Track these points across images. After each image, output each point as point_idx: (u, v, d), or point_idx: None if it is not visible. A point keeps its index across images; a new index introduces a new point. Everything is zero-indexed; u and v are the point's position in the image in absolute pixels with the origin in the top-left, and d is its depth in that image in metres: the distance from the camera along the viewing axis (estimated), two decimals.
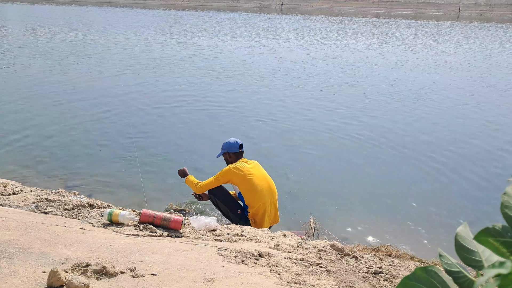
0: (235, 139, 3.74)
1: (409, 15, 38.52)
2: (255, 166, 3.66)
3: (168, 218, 2.79)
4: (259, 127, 6.84)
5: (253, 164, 3.66)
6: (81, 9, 36.07)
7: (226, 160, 3.78)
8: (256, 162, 3.74)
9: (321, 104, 8.28)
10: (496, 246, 0.57)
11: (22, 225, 2.30)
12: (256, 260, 2.34)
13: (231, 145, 3.70)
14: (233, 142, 3.71)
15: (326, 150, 6.04)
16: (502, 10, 39.77)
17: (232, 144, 3.70)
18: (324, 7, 44.25)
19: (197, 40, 17.37)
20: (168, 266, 2.04)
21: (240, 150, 3.71)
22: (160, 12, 35.54)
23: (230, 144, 3.71)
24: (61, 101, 7.86)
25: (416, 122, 7.36)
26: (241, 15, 34.70)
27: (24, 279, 1.70)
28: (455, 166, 5.59)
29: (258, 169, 3.67)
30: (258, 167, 3.69)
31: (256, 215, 3.57)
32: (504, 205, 0.59)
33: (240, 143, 3.71)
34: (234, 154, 3.70)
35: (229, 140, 3.75)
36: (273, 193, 3.66)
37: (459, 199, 4.75)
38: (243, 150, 3.74)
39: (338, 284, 2.18)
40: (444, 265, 0.64)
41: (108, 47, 14.57)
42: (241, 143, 3.72)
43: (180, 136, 6.30)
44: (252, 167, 3.61)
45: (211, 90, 9.08)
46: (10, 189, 3.33)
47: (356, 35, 21.94)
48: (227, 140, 3.78)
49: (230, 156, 3.73)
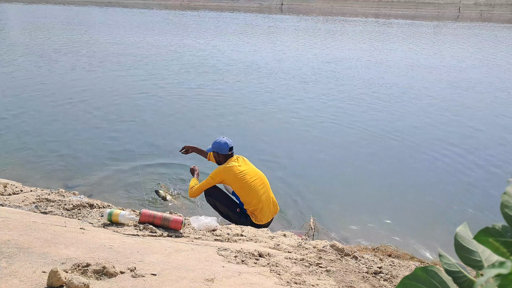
0: (226, 140, 3.67)
1: (409, 15, 38.52)
2: (243, 162, 3.66)
3: (168, 218, 2.79)
4: (258, 127, 6.84)
5: (241, 161, 3.65)
6: (82, 9, 36.06)
7: (215, 158, 3.77)
8: (242, 157, 3.71)
9: (321, 104, 8.28)
10: (496, 246, 0.57)
11: (22, 225, 2.30)
12: (256, 260, 2.34)
13: (221, 147, 3.66)
14: (223, 143, 3.65)
15: (326, 150, 6.04)
16: (502, 10, 39.77)
17: (222, 145, 3.65)
18: (324, 7, 44.25)
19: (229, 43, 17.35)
20: (168, 266, 2.04)
21: (230, 153, 3.67)
22: (162, 12, 35.54)
23: (220, 145, 3.66)
24: (61, 101, 7.86)
25: (415, 122, 7.36)
26: (242, 15, 34.68)
27: (24, 279, 1.70)
28: (455, 166, 5.59)
29: (247, 165, 3.66)
30: (247, 163, 3.68)
31: (255, 210, 3.57)
32: (504, 205, 0.59)
33: (230, 145, 3.66)
34: (223, 156, 3.68)
35: (220, 140, 3.68)
36: (265, 186, 3.64)
37: (459, 199, 4.75)
38: (232, 152, 3.69)
39: (338, 284, 2.18)
40: (444, 265, 0.64)
41: (109, 48, 14.57)
42: (231, 145, 3.67)
43: (180, 136, 6.30)
44: (241, 165, 3.61)
45: (204, 85, 9.09)
46: (10, 189, 3.33)
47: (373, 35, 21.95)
48: (218, 139, 3.72)
49: (219, 156, 3.71)
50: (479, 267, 0.61)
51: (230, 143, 3.67)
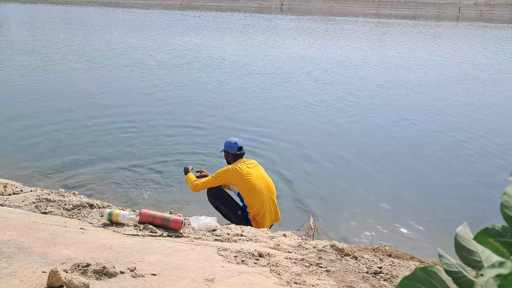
0: (236, 140, 3.70)
1: (409, 15, 38.51)
2: (253, 166, 3.66)
3: (168, 218, 2.79)
4: (256, 126, 6.84)
5: (251, 164, 3.65)
6: (82, 10, 36.05)
7: (226, 157, 3.78)
8: (254, 161, 3.72)
9: (320, 104, 8.28)
10: (496, 246, 0.57)
11: (22, 225, 2.30)
12: (256, 260, 2.34)
13: (231, 146, 3.69)
14: (233, 143, 3.68)
15: (326, 150, 6.04)
16: (502, 10, 39.76)
17: (232, 145, 3.69)
18: (324, 7, 44.24)
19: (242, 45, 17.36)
20: (168, 266, 2.03)
21: (239, 152, 3.68)
22: (162, 12, 35.53)
23: (230, 145, 3.70)
24: (61, 100, 7.86)
25: (415, 122, 7.36)
26: (243, 15, 34.67)
27: (24, 279, 1.70)
28: (455, 165, 5.59)
29: (257, 169, 3.66)
30: (257, 167, 3.68)
31: (257, 215, 3.56)
32: (504, 205, 0.59)
33: (240, 145, 3.68)
34: (232, 155, 3.69)
35: (231, 140, 3.73)
36: (271, 192, 3.65)
37: (459, 199, 4.75)
38: (242, 152, 3.70)
39: (338, 284, 2.18)
40: (444, 265, 0.64)
41: (109, 48, 14.57)
42: (241, 145, 3.69)
43: (182, 137, 6.31)
44: (250, 167, 3.60)
45: (203, 81, 9.09)
46: (10, 189, 3.33)
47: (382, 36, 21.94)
48: (230, 138, 3.76)
49: (228, 155, 3.73)
50: (479, 267, 0.61)
51: (240, 143, 3.69)
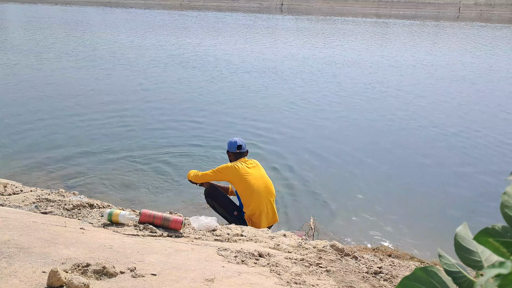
0: (237, 139, 3.75)
1: (409, 15, 38.50)
2: (254, 166, 3.67)
3: (168, 218, 2.79)
4: (253, 126, 6.84)
5: (252, 164, 3.67)
6: (82, 10, 36.04)
7: (228, 157, 3.82)
8: (256, 162, 3.74)
9: (320, 104, 8.28)
10: (496, 246, 0.57)
11: (22, 225, 2.30)
12: (256, 260, 2.34)
13: (231, 145, 3.74)
14: (233, 142, 3.73)
15: (326, 150, 6.04)
16: (502, 10, 39.76)
17: (232, 143, 3.74)
18: (324, 7, 44.22)
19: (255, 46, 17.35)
20: (168, 266, 2.04)
21: (238, 151, 3.70)
22: (163, 11, 35.52)
23: (231, 143, 3.75)
24: (61, 100, 7.86)
25: (415, 122, 7.36)
26: (242, 15, 34.68)
27: (24, 279, 1.70)
28: (455, 165, 5.59)
29: (257, 169, 3.67)
30: (257, 168, 3.69)
31: (252, 216, 3.57)
32: (504, 205, 0.59)
33: (239, 143, 3.71)
34: (233, 154, 3.72)
35: (232, 139, 3.78)
36: (269, 193, 3.66)
37: (459, 199, 4.75)
38: (242, 151, 3.72)
39: (338, 284, 2.18)
40: (444, 265, 0.64)
41: (112, 48, 14.57)
42: (241, 143, 3.72)
43: (182, 137, 6.31)
44: (250, 167, 3.62)
45: (201, 86, 9.10)
46: (10, 189, 3.33)
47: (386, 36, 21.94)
48: (232, 138, 3.82)
49: (229, 154, 3.77)
50: (479, 267, 0.61)
51: (240, 142, 3.73)
